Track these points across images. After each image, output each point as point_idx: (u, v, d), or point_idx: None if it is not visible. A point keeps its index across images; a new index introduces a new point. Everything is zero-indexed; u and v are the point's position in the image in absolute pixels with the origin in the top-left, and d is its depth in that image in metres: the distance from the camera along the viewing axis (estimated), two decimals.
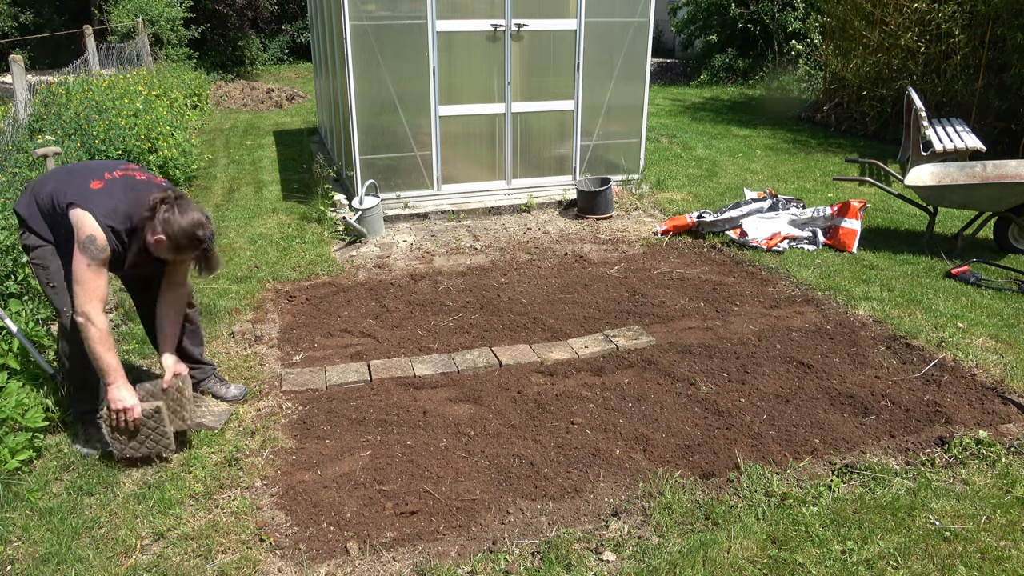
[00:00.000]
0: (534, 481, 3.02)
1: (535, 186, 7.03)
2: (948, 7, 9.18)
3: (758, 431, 3.36)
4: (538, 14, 6.48)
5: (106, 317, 2.93)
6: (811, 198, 6.98)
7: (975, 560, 2.56)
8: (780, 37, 14.67)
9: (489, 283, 5.12)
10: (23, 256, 4.12)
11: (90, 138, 6.25)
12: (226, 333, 4.35)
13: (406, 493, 2.95)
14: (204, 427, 3.32)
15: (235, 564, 2.57)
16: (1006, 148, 8.52)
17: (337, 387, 3.75)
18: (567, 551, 2.61)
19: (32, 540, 2.69)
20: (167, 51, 14.82)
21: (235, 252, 5.71)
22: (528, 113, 6.76)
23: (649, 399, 3.63)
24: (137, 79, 9.44)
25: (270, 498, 2.92)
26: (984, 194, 5.34)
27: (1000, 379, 3.74)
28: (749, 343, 4.20)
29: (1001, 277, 5.05)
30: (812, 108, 11.83)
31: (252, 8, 17.22)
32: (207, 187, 7.80)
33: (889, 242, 5.84)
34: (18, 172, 5.24)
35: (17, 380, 3.36)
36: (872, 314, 4.50)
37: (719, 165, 8.61)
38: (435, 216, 6.62)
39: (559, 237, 6.12)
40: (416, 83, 6.31)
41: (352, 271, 5.38)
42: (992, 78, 8.92)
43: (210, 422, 3.36)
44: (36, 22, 19.46)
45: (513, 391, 3.70)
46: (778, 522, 2.75)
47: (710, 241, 5.91)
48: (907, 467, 3.09)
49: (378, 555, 2.63)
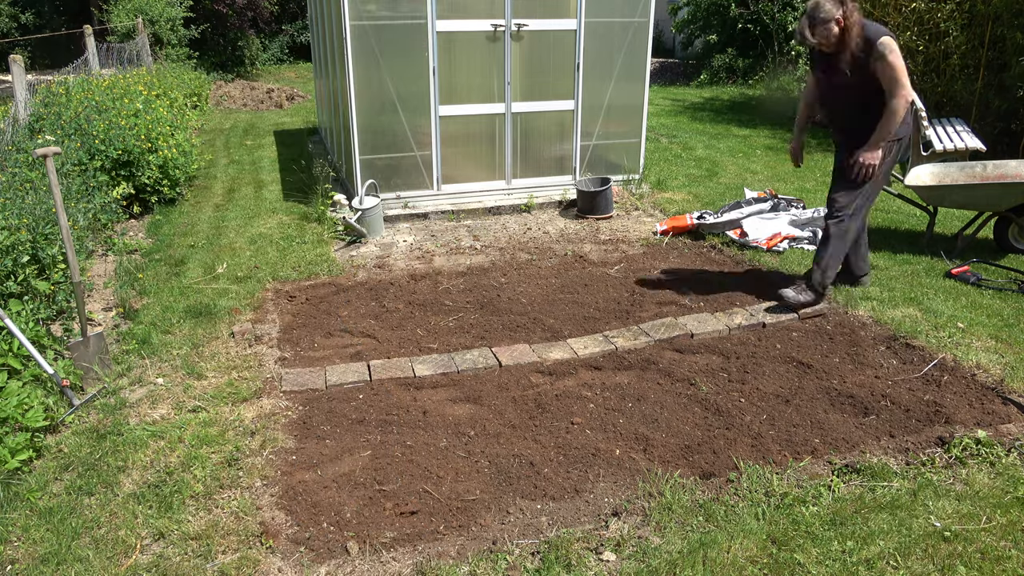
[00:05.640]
0: (534, 481, 3.02)
1: (535, 186, 7.03)
2: (947, 7, 9.18)
3: (758, 431, 3.36)
4: (538, 14, 6.48)
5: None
6: (811, 198, 6.98)
7: (975, 560, 2.56)
8: (780, 37, 14.67)
9: (489, 283, 5.12)
10: (23, 256, 4.12)
11: (90, 138, 6.25)
12: (226, 333, 4.35)
13: (406, 493, 2.95)
14: None
15: (235, 564, 2.57)
16: (1006, 148, 8.51)
17: (337, 387, 3.75)
18: (567, 551, 2.61)
19: (32, 540, 2.69)
20: (167, 51, 14.82)
21: (235, 252, 5.71)
22: (528, 113, 6.76)
23: (649, 399, 3.63)
24: (137, 79, 9.43)
25: (270, 498, 2.92)
26: (984, 194, 5.34)
27: (1000, 379, 3.74)
28: (749, 343, 4.20)
29: (1001, 277, 5.05)
30: None
31: (252, 8, 17.22)
32: (207, 187, 7.80)
33: (889, 242, 5.84)
34: (18, 172, 5.24)
35: (17, 380, 3.36)
36: (872, 314, 4.50)
37: (719, 165, 8.61)
38: (435, 216, 6.62)
39: (559, 237, 6.12)
40: (416, 83, 6.31)
41: (352, 271, 5.38)
42: (992, 78, 8.92)
43: None
44: (36, 22, 19.46)
45: (513, 391, 3.71)
46: (778, 522, 2.75)
47: (710, 241, 5.91)
48: (907, 467, 3.09)
49: (378, 555, 2.63)
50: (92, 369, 3.80)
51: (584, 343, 4.18)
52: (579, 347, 4.13)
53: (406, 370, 3.90)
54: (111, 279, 5.15)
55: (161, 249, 5.83)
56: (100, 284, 5.11)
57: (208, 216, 6.72)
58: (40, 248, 4.29)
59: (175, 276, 5.23)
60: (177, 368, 3.94)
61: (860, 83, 4.15)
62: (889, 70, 4.03)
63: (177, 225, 6.47)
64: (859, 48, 4.07)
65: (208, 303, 4.72)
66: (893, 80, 4.04)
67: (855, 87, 4.19)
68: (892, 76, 4.03)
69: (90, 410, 3.54)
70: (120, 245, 5.76)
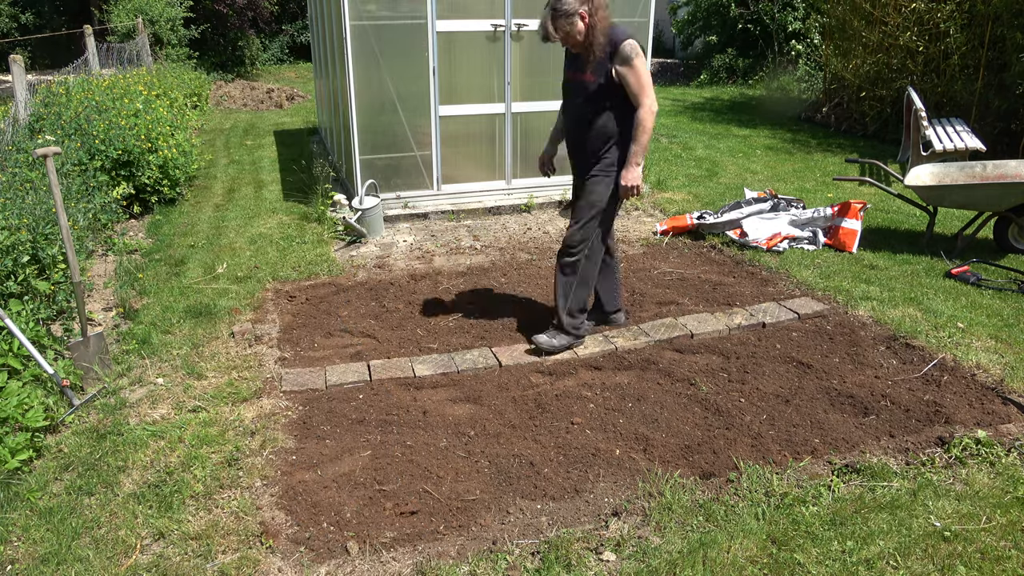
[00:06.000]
0: (534, 481, 3.02)
1: (535, 186, 7.03)
2: (947, 7, 9.18)
3: (758, 431, 3.36)
4: (538, 14, 6.43)
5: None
6: (811, 198, 6.98)
7: (975, 560, 2.56)
8: (780, 37, 14.67)
9: (489, 283, 5.12)
10: (23, 256, 4.12)
11: (90, 138, 6.25)
12: (226, 333, 4.35)
13: (406, 493, 2.95)
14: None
15: (235, 564, 2.57)
16: (1006, 148, 8.51)
17: (337, 387, 3.75)
18: (567, 551, 2.61)
19: (32, 540, 2.69)
20: (167, 51, 14.83)
21: (235, 252, 5.71)
22: (528, 113, 6.75)
23: (649, 399, 3.63)
24: (137, 79, 9.43)
25: (270, 498, 2.92)
26: (984, 194, 5.34)
27: (1000, 379, 3.74)
28: (749, 343, 4.20)
29: (1001, 277, 5.05)
30: (812, 108, 11.83)
31: (252, 8, 17.22)
32: (207, 187, 7.80)
33: (889, 242, 5.84)
34: (18, 172, 5.24)
35: (17, 380, 3.36)
36: (872, 314, 4.50)
37: (719, 165, 8.61)
38: (435, 216, 6.62)
39: (559, 237, 6.12)
40: (416, 83, 6.31)
41: (352, 271, 5.38)
42: (992, 78, 8.92)
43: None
44: (36, 22, 19.46)
45: (513, 391, 3.71)
46: (778, 522, 2.75)
47: (710, 241, 5.91)
48: (907, 467, 3.09)
49: (378, 555, 2.63)
50: (92, 369, 3.80)
51: (584, 343, 4.18)
52: (579, 347, 4.13)
53: (406, 370, 3.90)
54: (111, 279, 5.15)
55: (161, 249, 5.83)
56: (100, 284, 5.11)
57: (208, 216, 6.72)
58: (40, 248, 4.29)
59: (175, 276, 5.23)
60: (177, 368, 3.94)
61: (602, 91, 3.70)
62: (634, 76, 3.62)
63: (177, 225, 6.47)
64: (603, 50, 3.63)
65: (208, 303, 4.72)
66: (639, 87, 3.63)
67: (596, 96, 3.73)
68: (638, 82, 3.63)
69: (90, 410, 3.54)
70: (120, 245, 5.76)
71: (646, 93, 3.66)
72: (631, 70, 3.62)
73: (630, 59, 3.60)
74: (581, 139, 3.88)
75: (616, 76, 3.65)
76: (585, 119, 3.81)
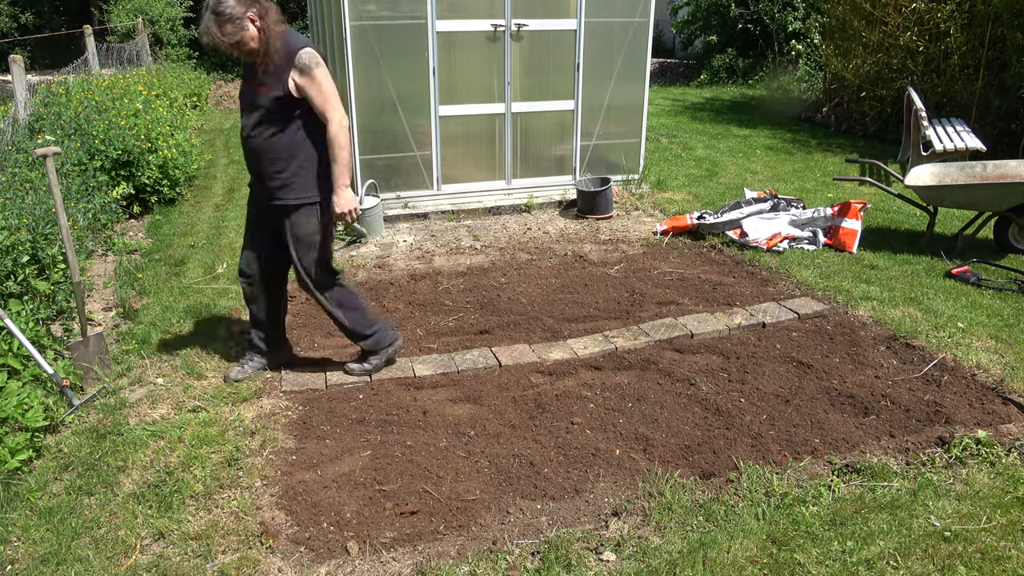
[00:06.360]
0: (534, 481, 3.02)
1: (535, 186, 7.03)
2: (947, 7, 9.18)
3: (758, 431, 3.36)
4: (538, 14, 6.48)
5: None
6: (811, 198, 6.98)
7: (975, 560, 2.56)
8: (780, 37, 14.67)
9: (489, 283, 5.12)
10: (23, 256, 4.12)
11: (90, 138, 6.25)
12: (226, 333, 4.34)
13: (406, 493, 2.95)
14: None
15: (235, 564, 2.57)
16: (1006, 148, 8.51)
17: (337, 387, 3.75)
18: (567, 551, 2.61)
19: (32, 540, 2.69)
20: (167, 51, 14.83)
21: (235, 252, 5.71)
22: (528, 113, 6.76)
23: (649, 399, 3.63)
24: (137, 79, 9.43)
25: (270, 498, 2.92)
26: (984, 194, 5.34)
27: (1000, 379, 3.74)
28: (749, 343, 4.20)
29: (1001, 277, 5.05)
30: (812, 108, 11.83)
31: None
32: (207, 187, 7.80)
33: (889, 242, 5.84)
34: (18, 172, 5.24)
35: (17, 380, 3.36)
36: (872, 314, 4.50)
37: (719, 165, 8.61)
38: (435, 216, 6.62)
39: (559, 237, 6.12)
40: (416, 83, 6.31)
41: (352, 271, 5.38)
42: (992, 78, 8.92)
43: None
44: (36, 22, 19.47)
45: (513, 391, 3.70)
46: (778, 522, 2.75)
47: (710, 241, 5.91)
48: (907, 467, 3.09)
49: (378, 555, 2.63)
50: (92, 369, 3.80)
51: (584, 343, 4.18)
52: (579, 347, 4.13)
53: (406, 370, 3.90)
54: (111, 279, 5.15)
55: (161, 249, 5.83)
56: (100, 284, 5.11)
57: (208, 216, 6.72)
58: (40, 248, 4.29)
59: (175, 276, 5.23)
60: (177, 368, 3.94)
61: (280, 105, 3.33)
62: (316, 88, 3.28)
63: (177, 225, 6.47)
64: (280, 58, 3.28)
65: (208, 303, 4.72)
66: (323, 100, 3.30)
67: (274, 110, 3.34)
68: (321, 95, 3.29)
69: (90, 410, 3.54)
70: (120, 245, 5.76)
71: (332, 106, 3.32)
72: (311, 81, 3.28)
73: (309, 69, 3.27)
74: (257, 159, 3.45)
75: (296, 89, 3.29)
76: (262, 135, 3.39)
